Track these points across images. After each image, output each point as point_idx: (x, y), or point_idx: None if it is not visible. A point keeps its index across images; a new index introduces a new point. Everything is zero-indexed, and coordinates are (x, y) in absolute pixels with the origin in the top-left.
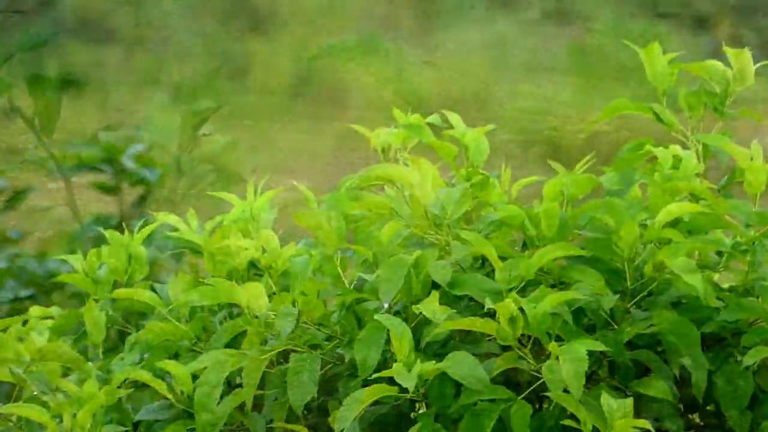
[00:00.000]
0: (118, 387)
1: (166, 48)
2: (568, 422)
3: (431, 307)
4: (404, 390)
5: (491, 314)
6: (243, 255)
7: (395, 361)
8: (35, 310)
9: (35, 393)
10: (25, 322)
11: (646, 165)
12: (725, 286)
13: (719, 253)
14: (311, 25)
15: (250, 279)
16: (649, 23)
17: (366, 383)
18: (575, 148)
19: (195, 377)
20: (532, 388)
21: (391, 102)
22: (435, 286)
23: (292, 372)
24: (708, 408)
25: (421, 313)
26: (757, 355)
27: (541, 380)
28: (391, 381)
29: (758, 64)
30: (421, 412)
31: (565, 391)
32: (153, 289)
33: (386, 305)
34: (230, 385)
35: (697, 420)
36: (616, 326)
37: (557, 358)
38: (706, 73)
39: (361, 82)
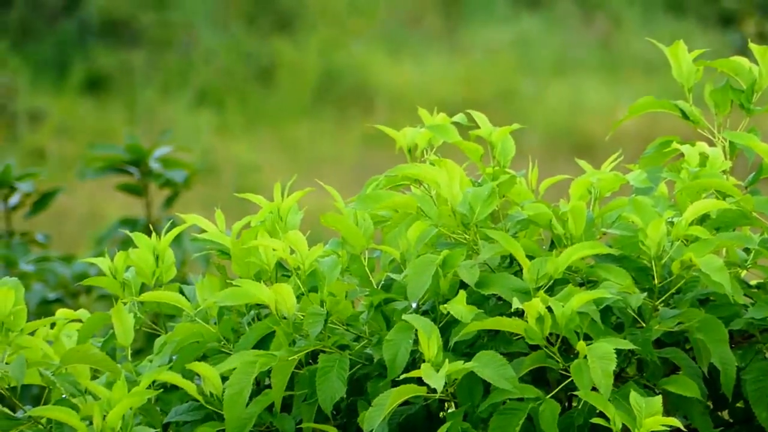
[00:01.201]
0: (147, 388)
1: (192, 50)
2: (597, 420)
3: (459, 306)
4: (433, 390)
5: (519, 313)
6: (271, 256)
7: (423, 361)
8: (63, 313)
9: (64, 395)
10: (53, 325)
11: (673, 162)
12: (753, 283)
13: (747, 250)
14: (337, 26)
15: (278, 280)
16: (675, 20)
17: (395, 383)
18: (602, 146)
19: (224, 378)
20: (560, 386)
21: (417, 102)
22: (463, 285)
23: (321, 372)
24: (737, 405)
25: (449, 312)
26: None
27: (570, 379)
28: (419, 381)
29: None
30: (449, 411)
31: (594, 389)
32: (181, 291)
33: (414, 305)
34: (259, 386)
35: (727, 417)
36: (644, 324)
37: (585, 356)
38: (732, 70)
39: (387, 83)
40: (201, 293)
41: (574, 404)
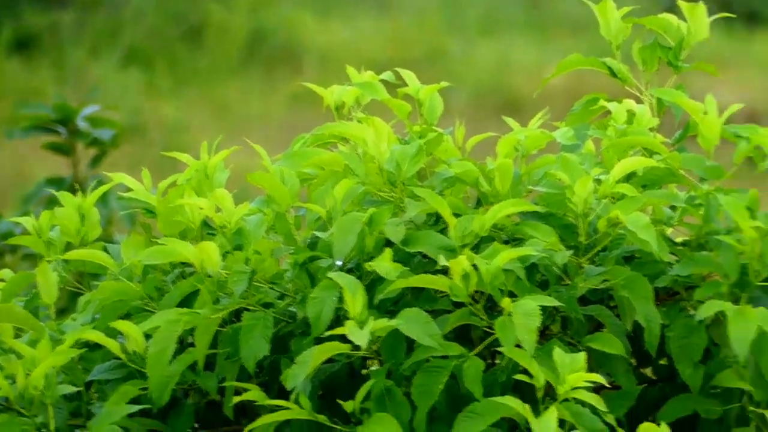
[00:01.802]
0: (71, 347)
1: (120, 9)
2: (520, 377)
3: (384, 264)
4: (357, 347)
5: (444, 271)
6: (196, 214)
7: (348, 318)
8: None
9: None
10: None
11: (600, 120)
12: (679, 240)
13: (673, 208)
14: None
15: (204, 238)
16: None
17: (318, 341)
18: (530, 104)
19: (147, 337)
20: (484, 344)
21: (346, 61)
22: (388, 243)
23: (245, 330)
24: (661, 362)
25: (374, 270)
26: (710, 309)
27: (494, 336)
28: (343, 339)
29: (713, 17)
30: (373, 369)
31: (518, 346)
32: (106, 250)
33: (339, 263)
34: (182, 345)
35: (650, 374)
36: (569, 281)
37: (510, 314)
38: (660, 27)
39: (316, 42)
40: (126, 252)
41: (498, 361)
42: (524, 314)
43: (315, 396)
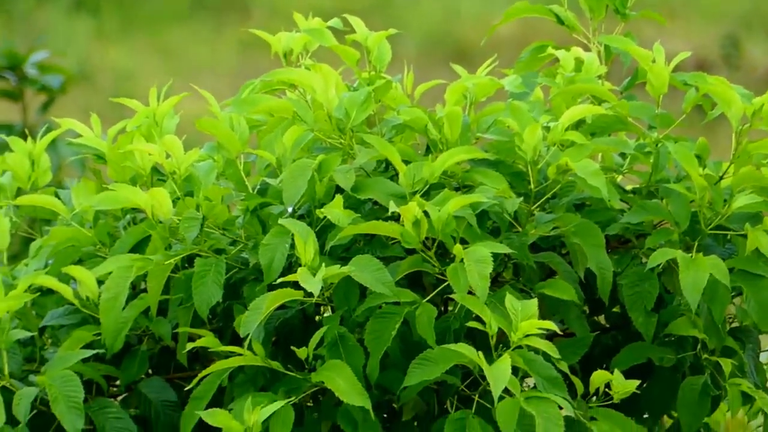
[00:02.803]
0: (24, 292)
1: None
2: (473, 324)
3: (335, 211)
4: (309, 294)
5: (395, 218)
6: (146, 160)
7: (300, 265)
8: None
9: None
10: None
11: (548, 68)
12: (629, 188)
13: (623, 155)
14: None
15: (154, 184)
16: None
17: (271, 288)
18: (478, 52)
19: (100, 282)
20: (437, 291)
21: (294, 9)
22: (339, 190)
23: (197, 276)
24: (614, 310)
25: (325, 217)
26: (661, 256)
27: (446, 283)
28: (296, 285)
29: None
30: (326, 315)
31: (470, 293)
32: (57, 196)
33: (290, 210)
34: (135, 290)
35: (603, 322)
36: (520, 229)
37: (462, 260)
38: None
39: None
40: (77, 197)
41: (451, 308)
42: (476, 261)
43: (268, 342)
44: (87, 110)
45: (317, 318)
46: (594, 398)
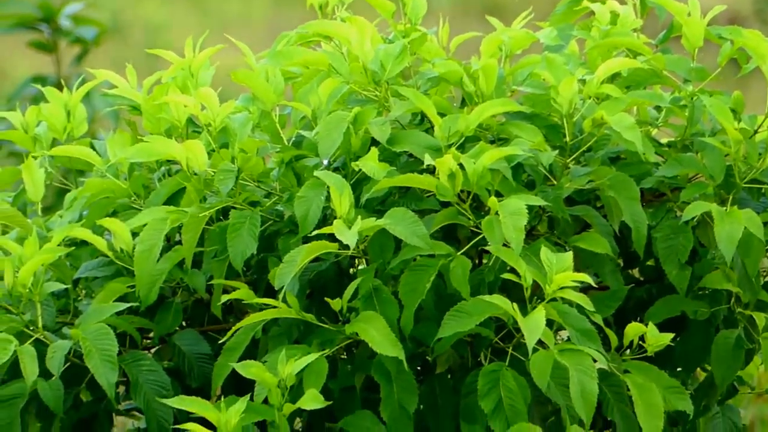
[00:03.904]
0: (58, 245)
1: None
2: (508, 276)
3: (371, 163)
4: (344, 247)
5: (431, 170)
6: (182, 112)
7: (335, 218)
8: None
9: None
10: None
11: (584, 21)
12: (664, 141)
13: (658, 109)
14: None
15: (189, 136)
16: None
17: (306, 240)
18: (513, 5)
19: (134, 234)
20: (471, 243)
21: None
22: (374, 142)
23: (232, 229)
24: (648, 263)
25: (360, 169)
26: (696, 210)
27: (481, 236)
28: (331, 238)
29: None
30: (360, 268)
31: (505, 245)
32: (92, 147)
33: (326, 162)
34: (170, 242)
35: (637, 275)
36: (555, 182)
37: (497, 213)
38: None
39: None
40: (112, 149)
41: (485, 261)
42: (511, 213)
43: (303, 295)
44: (119, 63)
45: (351, 271)
46: (628, 351)
